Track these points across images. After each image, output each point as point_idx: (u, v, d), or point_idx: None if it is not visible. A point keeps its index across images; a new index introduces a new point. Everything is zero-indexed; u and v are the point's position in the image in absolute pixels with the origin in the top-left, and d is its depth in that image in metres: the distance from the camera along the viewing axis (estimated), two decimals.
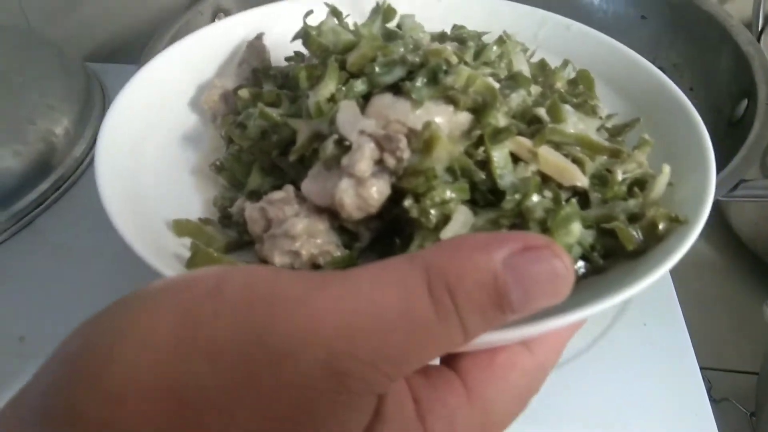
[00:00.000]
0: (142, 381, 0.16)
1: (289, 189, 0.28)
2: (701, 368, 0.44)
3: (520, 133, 0.27)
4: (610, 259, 0.26)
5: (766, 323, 0.50)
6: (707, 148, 0.28)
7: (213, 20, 0.56)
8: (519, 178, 0.26)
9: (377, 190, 0.26)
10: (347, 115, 0.27)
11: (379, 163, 0.26)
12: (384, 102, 0.28)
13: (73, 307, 0.52)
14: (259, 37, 0.38)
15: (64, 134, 0.60)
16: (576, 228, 0.25)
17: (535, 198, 0.25)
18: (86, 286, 0.47)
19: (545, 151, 0.27)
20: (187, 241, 0.29)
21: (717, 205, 0.59)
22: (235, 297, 0.17)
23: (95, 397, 0.16)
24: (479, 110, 0.28)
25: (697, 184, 0.27)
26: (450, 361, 0.21)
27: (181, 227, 0.29)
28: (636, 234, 0.26)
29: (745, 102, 0.45)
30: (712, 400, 0.42)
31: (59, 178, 0.58)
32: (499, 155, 0.26)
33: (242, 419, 0.16)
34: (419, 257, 0.18)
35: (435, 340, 0.17)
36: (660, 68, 0.41)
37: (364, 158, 0.25)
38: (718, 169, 0.39)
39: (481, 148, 0.27)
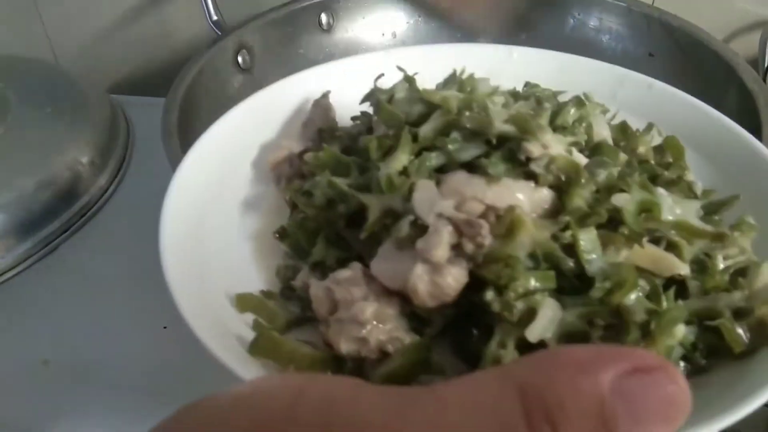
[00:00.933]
0: None
1: (357, 268, 0.27)
2: None
3: (609, 219, 0.25)
4: (713, 358, 0.24)
5: None
6: None
7: (236, 56, 0.58)
8: (609, 263, 0.24)
9: (454, 278, 0.24)
10: (425, 195, 0.25)
11: (457, 247, 0.24)
12: (460, 179, 0.26)
13: (95, 332, 0.50)
14: (325, 95, 0.37)
15: (89, 164, 0.62)
16: (681, 330, 0.23)
17: (632, 296, 0.23)
18: (108, 312, 0.48)
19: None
20: (250, 317, 0.28)
21: None
22: (311, 419, 0.16)
23: None
24: (562, 187, 0.26)
25: None
26: None
27: (244, 302, 0.28)
28: (743, 333, 0.23)
29: None
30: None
31: (83, 206, 0.59)
32: (586, 238, 0.24)
33: None
34: (512, 375, 0.16)
35: None
36: None
37: (441, 243, 0.24)
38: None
39: (568, 233, 0.24)
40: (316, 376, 0.23)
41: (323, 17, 0.64)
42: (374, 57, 0.38)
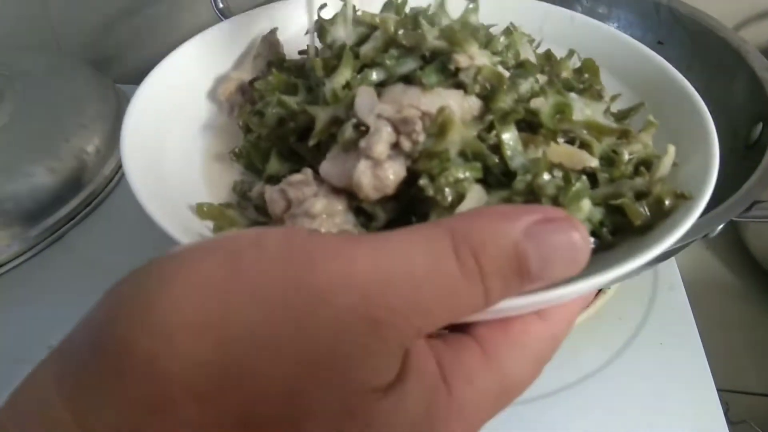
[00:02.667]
0: (189, 317, 0.16)
1: (308, 172, 0.29)
2: (718, 390, 0.44)
3: (526, 119, 0.28)
4: (619, 235, 0.27)
5: None
6: (710, 128, 0.29)
7: None
8: (529, 159, 0.27)
9: (393, 172, 0.27)
10: (365, 100, 0.28)
11: (395, 146, 0.27)
12: (397, 90, 0.29)
13: None
14: (273, 32, 0.39)
15: (96, 152, 0.62)
16: (586, 204, 0.26)
17: (546, 176, 0.26)
18: None
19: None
20: (211, 224, 0.30)
21: (733, 227, 0.59)
22: (274, 247, 0.18)
23: (144, 331, 0.16)
24: (489, 96, 0.29)
25: (700, 163, 0.28)
26: (465, 328, 0.21)
27: (203, 211, 0.30)
28: (643, 210, 0.26)
29: (760, 126, 0.45)
30: (730, 422, 0.43)
31: (90, 194, 0.59)
32: (509, 137, 0.27)
33: (284, 355, 0.16)
34: (444, 223, 0.18)
35: (460, 299, 0.18)
36: None
37: (381, 141, 0.26)
38: (733, 191, 0.40)
39: (493, 133, 0.27)
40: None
41: None
42: None
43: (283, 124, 0.31)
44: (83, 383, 0.17)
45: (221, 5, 0.60)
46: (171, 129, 0.34)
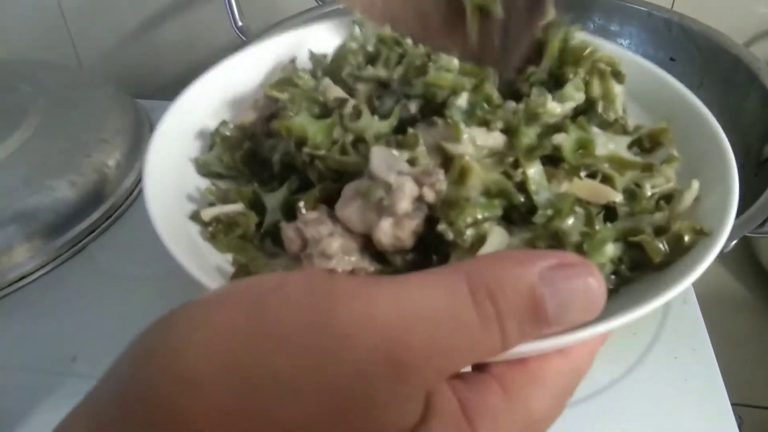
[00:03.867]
0: (214, 365, 0.16)
1: (323, 209, 0.29)
2: (732, 404, 0.44)
3: (552, 155, 0.28)
4: (637, 271, 0.27)
5: None
6: (730, 161, 0.29)
7: None
8: (554, 194, 0.27)
9: (412, 231, 0.26)
10: (380, 161, 0.27)
11: (418, 199, 0.27)
12: (420, 130, 0.29)
13: (122, 329, 0.53)
14: (292, 61, 0.38)
15: (116, 166, 0.63)
16: (610, 249, 0.26)
17: (570, 221, 0.26)
18: (135, 310, 0.47)
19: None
20: (230, 256, 0.30)
21: (746, 242, 0.59)
22: (297, 291, 0.18)
23: (170, 380, 0.16)
24: (512, 131, 0.29)
25: (720, 197, 0.28)
26: (484, 367, 0.21)
27: (223, 244, 0.30)
28: (662, 246, 0.26)
29: None
30: None
31: (110, 207, 0.60)
32: (534, 172, 0.27)
33: (308, 400, 0.16)
34: (461, 267, 0.19)
35: (477, 342, 0.18)
36: None
37: (404, 197, 0.26)
38: (746, 207, 0.40)
39: (519, 170, 0.27)
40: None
41: None
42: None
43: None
44: None
45: (240, 23, 0.61)
46: (190, 164, 0.34)
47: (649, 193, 0.28)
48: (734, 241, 0.36)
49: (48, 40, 0.82)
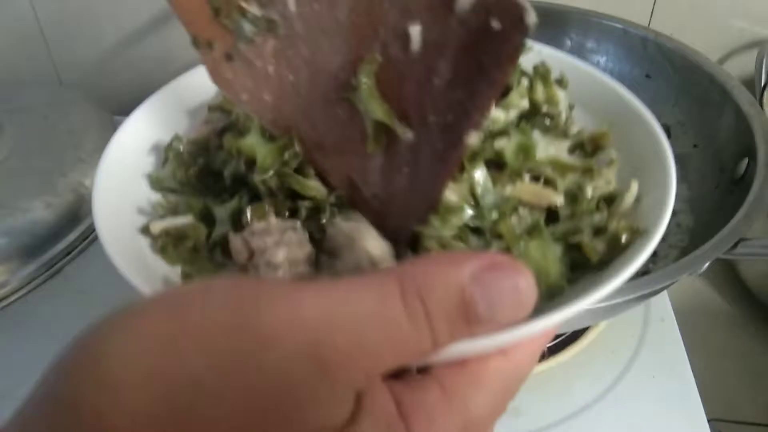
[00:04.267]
0: (135, 370, 0.16)
1: (271, 221, 0.29)
2: (713, 420, 0.44)
3: (496, 160, 0.28)
4: (579, 270, 0.27)
5: None
6: (668, 162, 0.29)
7: None
8: (500, 196, 0.28)
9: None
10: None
11: None
12: None
13: None
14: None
15: (93, 186, 0.63)
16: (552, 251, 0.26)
17: (514, 221, 0.27)
18: None
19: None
20: (179, 269, 0.30)
21: (726, 263, 0.60)
22: (222, 294, 0.18)
23: (91, 387, 0.16)
24: None
25: (657, 197, 0.28)
26: (422, 370, 0.21)
27: (171, 256, 0.30)
28: (600, 246, 0.27)
29: (745, 161, 0.45)
30: None
31: (87, 228, 0.58)
32: (480, 175, 0.28)
33: (230, 403, 0.16)
34: (393, 269, 0.19)
35: (406, 341, 0.18)
36: (665, 125, 0.42)
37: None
38: (720, 227, 0.40)
39: (465, 174, 0.27)
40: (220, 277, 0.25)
41: None
42: None
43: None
44: None
45: None
46: (139, 181, 0.34)
47: (589, 195, 0.29)
48: (706, 264, 0.36)
49: (26, 56, 0.82)
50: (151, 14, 0.78)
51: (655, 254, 0.48)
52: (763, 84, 0.60)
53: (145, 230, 0.31)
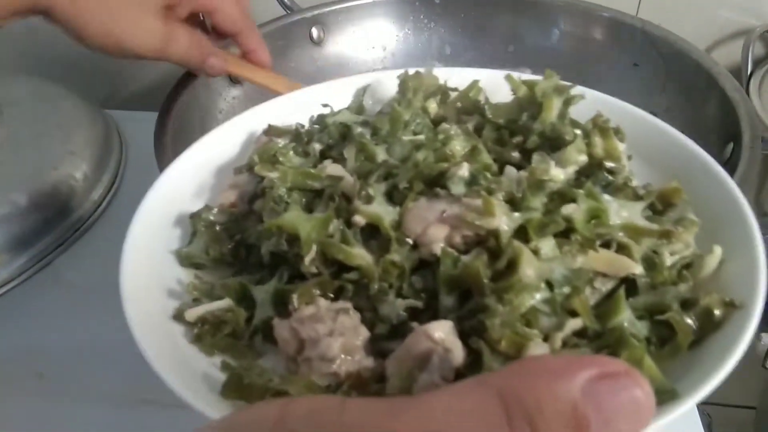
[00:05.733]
0: None
1: (320, 304, 0.26)
2: (702, 404, 0.44)
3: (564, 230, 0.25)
4: (666, 348, 0.24)
5: (759, 356, 0.50)
6: (751, 222, 0.26)
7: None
8: (570, 269, 0.24)
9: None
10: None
11: None
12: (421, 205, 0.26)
13: (90, 345, 0.47)
14: (265, 132, 0.36)
15: (83, 179, 0.61)
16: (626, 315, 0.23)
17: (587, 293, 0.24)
18: (102, 325, 0.47)
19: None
20: (217, 360, 0.26)
21: None
22: (301, 427, 0.15)
23: None
24: (515, 202, 0.26)
25: (745, 263, 0.25)
26: None
27: (209, 345, 0.27)
28: (692, 322, 0.24)
29: (731, 145, 0.45)
30: None
31: (77, 220, 0.56)
32: (547, 250, 0.24)
33: None
34: (492, 381, 0.16)
35: None
36: (652, 113, 0.41)
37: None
38: None
39: (532, 243, 0.25)
40: (296, 398, 0.22)
41: (314, 31, 0.62)
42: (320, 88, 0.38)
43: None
44: None
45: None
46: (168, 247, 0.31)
47: (668, 262, 0.26)
48: None
49: (14, 49, 0.81)
50: None
51: None
52: (749, 72, 0.60)
53: (178, 317, 0.27)
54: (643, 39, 0.51)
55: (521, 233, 0.25)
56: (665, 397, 0.21)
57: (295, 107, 0.37)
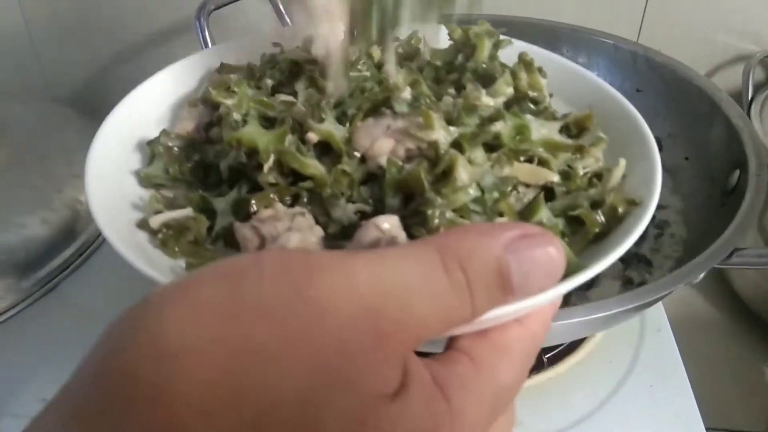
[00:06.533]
0: (193, 338, 0.16)
1: (278, 207, 0.28)
2: (708, 429, 0.45)
3: (492, 143, 0.29)
4: (577, 245, 0.28)
5: (766, 382, 0.50)
6: (650, 140, 0.31)
7: None
8: (499, 177, 0.28)
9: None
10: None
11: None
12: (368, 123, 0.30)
13: None
14: (218, 70, 0.38)
15: (85, 184, 0.63)
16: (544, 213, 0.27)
17: (513, 199, 0.28)
18: None
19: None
20: (182, 262, 0.28)
21: (717, 273, 0.61)
22: (273, 265, 0.17)
23: (148, 356, 0.15)
24: (453, 121, 0.30)
25: (645, 171, 0.30)
26: (450, 343, 0.21)
27: (174, 251, 0.29)
28: (599, 218, 0.28)
29: (737, 172, 0.45)
30: None
31: (83, 244, 0.55)
32: (478, 156, 0.28)
33: (294, 370, 0.16)
34: (432, 240, 0.19)
35: (450, 309, 0.18)
36: (657, 137, 0.43)
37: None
38: (714, 237, 0.40)
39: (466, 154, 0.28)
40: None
41: None
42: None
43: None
44: (91, 417, 0.16)
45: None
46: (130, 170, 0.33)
47: (581, 173, 0.30)
48: (702, 273, 0.37)
49: (18, 71, 0.81)
50: (147, 32, 0.76)
51: (650, 264, 0.48)
52: (750, 97, 0.61)
53: (143, 225, 0.29)
54: (645, 65, 0.52)
55: (456, 147, 0.28)
56: (574, 268, 0.24)
57: (250, 49, 0.39)
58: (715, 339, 0.57)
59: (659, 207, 0.35)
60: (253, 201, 0.28)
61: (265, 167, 0.28)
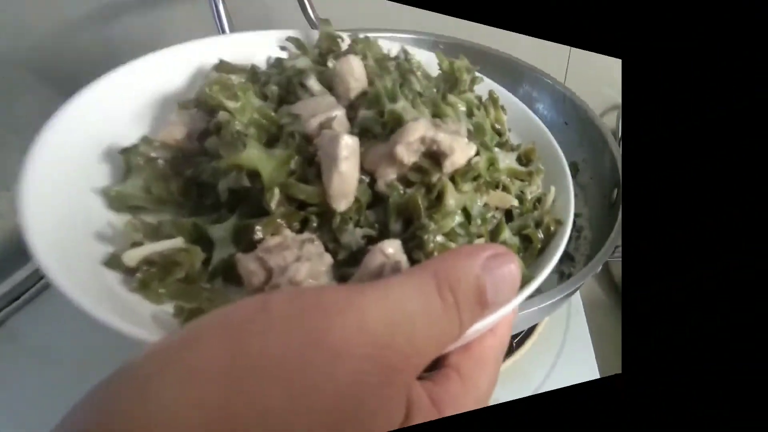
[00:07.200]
0: (192, 411, 0.14)
1: (287, 234, 0.25)
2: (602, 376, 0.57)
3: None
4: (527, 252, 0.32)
5: None
6: (567, 173, 0.37)
7: None
8: (482, 206, 0.31)
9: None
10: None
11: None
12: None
13: (48, 417, 0.43)
14: (216, 67, 0.33)
15: (20, 205, 0.48)
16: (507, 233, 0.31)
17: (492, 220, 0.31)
18: (64, 395, 0.33)
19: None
20: (169, 307, 0.23)
21: (605, 264, 0.79)
22: (284, 309, 0.16)
23: (143, 411, 0.13)
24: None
25: (563, 199, 0.35)
26: (442, 361, 0.23)
27: (158, 294, 0.23)
28: (540, 235, 0.33)
29: (615, 191, 0.59)
30: None
31: (34, 272, 0.44)
32: (469, 189, 0.31)
33: (303, 426, 0.15)
34: (429, 265, 0.20)
35: (444, 333, 0.19)
36: (575, 161, 0.56)
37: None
38: (604, 239, 0.51)
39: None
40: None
41: None
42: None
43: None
44: None
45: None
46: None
47: (529, 197, 0.34)
48: (601, 265, 0.47)
49: None
50: None
51: (573, 260, 0.62)
52: (619, 136, 0.76)
53: (113, 262, 0.23)
54: (570, 105, 0.66)
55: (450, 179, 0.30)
56: (526, 279, 0.27)
57: (247, 48, 0.34)
58: (603, 312, 0.74)
59: (576, 215, 0.46)
60: (258, 227, 0.25)
61: (273, 203, 0.25)
